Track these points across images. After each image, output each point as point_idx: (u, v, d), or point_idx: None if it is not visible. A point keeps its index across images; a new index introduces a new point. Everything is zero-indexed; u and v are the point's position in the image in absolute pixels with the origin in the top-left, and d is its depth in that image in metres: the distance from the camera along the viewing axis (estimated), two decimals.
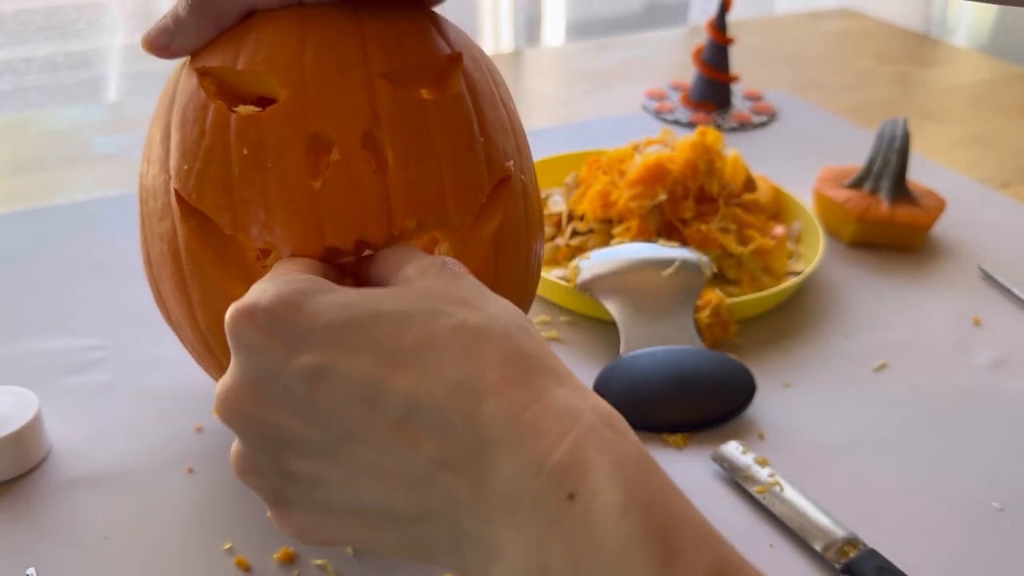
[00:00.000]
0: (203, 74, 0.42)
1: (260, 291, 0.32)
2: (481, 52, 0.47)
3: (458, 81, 0.43)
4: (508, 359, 0.29)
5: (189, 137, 0.41)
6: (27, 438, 0.48)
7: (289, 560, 0.44)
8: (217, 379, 0.47)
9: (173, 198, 0.41)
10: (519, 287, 0.45)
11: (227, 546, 0.45)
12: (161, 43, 0.42)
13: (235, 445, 0.33)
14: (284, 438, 0.31)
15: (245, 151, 0.39)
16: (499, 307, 0.32)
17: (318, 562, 0.44)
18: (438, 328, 0.30)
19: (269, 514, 0.33)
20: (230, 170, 0.40)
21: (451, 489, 0.28)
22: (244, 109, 0.40)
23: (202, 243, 0.41)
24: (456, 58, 0.43)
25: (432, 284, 0.33)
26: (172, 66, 0.45)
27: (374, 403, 0.29)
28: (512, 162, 0.44)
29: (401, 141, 0.40)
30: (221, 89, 0.42)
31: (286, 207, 0.39)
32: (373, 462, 0.30)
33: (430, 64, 0.43)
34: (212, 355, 0.44)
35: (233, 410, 0.31)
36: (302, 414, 0.30)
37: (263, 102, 0.41)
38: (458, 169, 0.41)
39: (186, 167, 0.41)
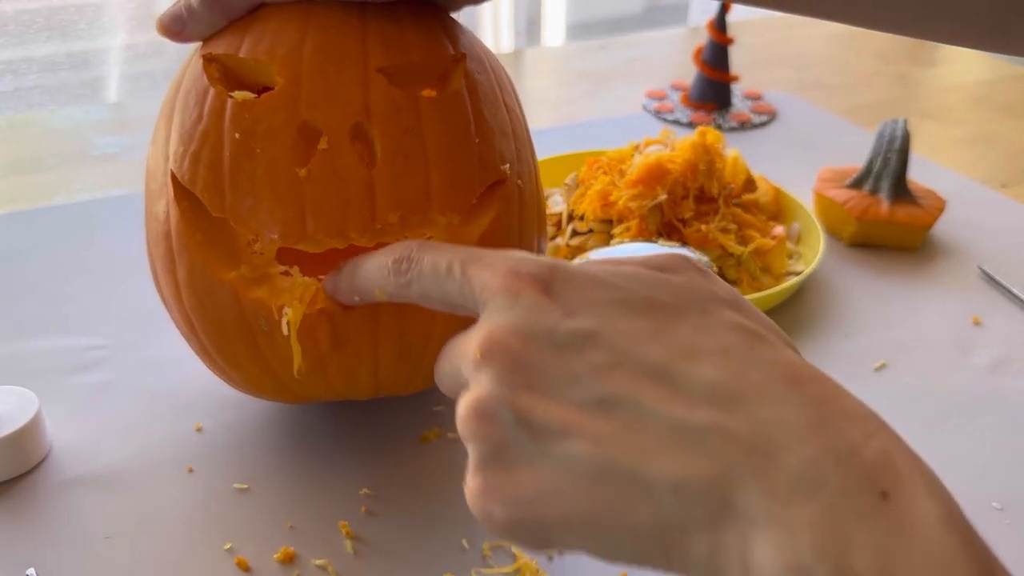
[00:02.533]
0: (209, 60, 0.43)
1: (526, 256, 0.31)
2: (491, 56, 0.47)
3: (458, 81, 0.43)
4: (792, 360, 0.28)
5: (188, 120, 0.42)
6: (27, 438, 0.48)
7: (289, 560, 0.44)
8: (205, 363, 0.47)
9: (168, 179, 0.42)
10: None
11: (227, 546, 0.45)
12: (174, 29, 0.44)
13: (472, 391, 0.30)
14: (542, 383, 0.28)
15: (237, 135, 0.40)
16: (768, 319, 0.32)
17: (318, 562, 0.44)
18: (713, 322, 0.29)
19: (468, 486, 0.30)
20: (222, 154, 0.41)
21: (729, 458, 0.26)
22: (240, 94, 0.41)
23: (191, 224, 0.42)
24: (458, 59, 0.44)
25: (694, 278, 0.32)
26: (173, 67, 0.47)
27: (653, 373, 0.28)
28: (508, 165, 0.44)
29: (390, 136, 0.41)
30: (226, 76, 0.43)
31: (271, 193, 0.40)
32: (636, 419, 0.27)
33: (431, 63, 0.43)
34: (196, 336, 0.45)
35: (497, 346, 0.29)
36: (572, 364, 0.28)
37: (264, 91, 0.41)
38: (447, 168, 0.42)
39: (182, 149, 0.42)
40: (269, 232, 0.40)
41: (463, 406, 0.30)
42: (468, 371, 0.30)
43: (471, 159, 0.42)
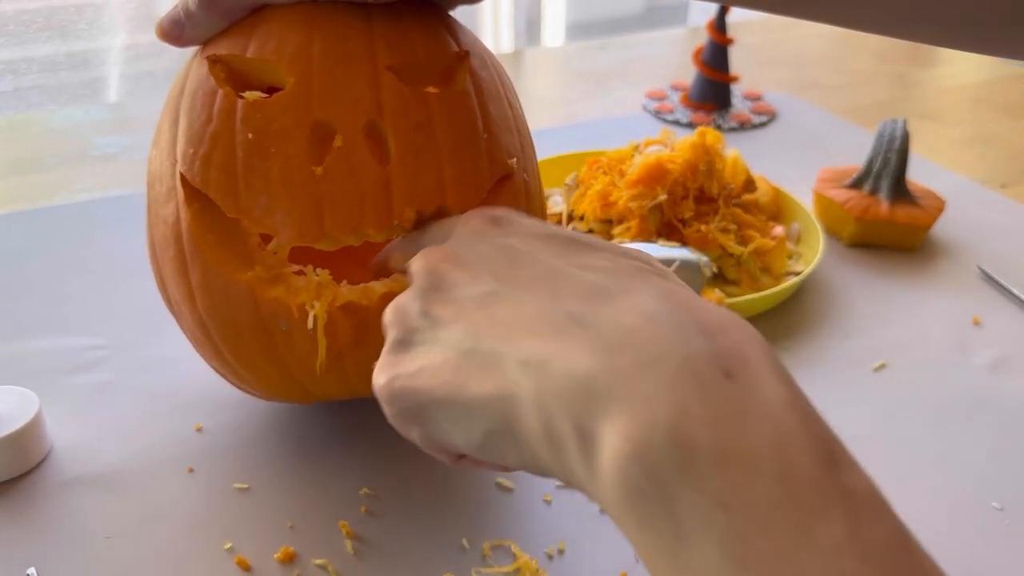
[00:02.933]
0: (214, 61, 0.43)
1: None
2: (490, 54, 0.47)
3: (464, 78, 0.44)
4: (677, 288, 0.30)
5: (197, 122, 0.42)
6: (27, 438, 0.48)
7: (289, 560, 0.44)
8: (215, 369, 0.48)
9: (178, 181, 0.42)
10: None
11: (227, 546, 0.45)
12: (174, 33, 0.44)
13: (399, 296, 0.35)
14: (444, 285, 0.33)
15: (250, 136, 0.40)
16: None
17: (318, 562, 0.44)
18: (625, 263, 0.32)
19: (378, 365, 0.34)
20: (234, 154, 0.41)
21: (580, 339, 0.27)
22: (251, 95, 0.41)
23: (204, 226, 0.42)
24: (463, 56, 0.44)
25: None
26: (174, 67, 0.47)
27: (544, 274, 0.31)
28: (515, 160, 0.44)
29: (403, 132, 0.41)
30: (231, 77, 0.43)
31: (287, 192, 0.40)
32: (512, 310, 0.30)
33: (437, 61, 0.43)
34: (210, 340, 0.45)
35: (427, 263, 0.34)
36: (480, 267, 0.33)
37: (272, 92, 0.42)
38: (459, 163, 0.42)
39: (192, 151, 0.42)
40: (286, 231, 0.40)
41: (390, 303, 0.35)
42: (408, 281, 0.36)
43: (480, 154, 0.43)
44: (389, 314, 0.34)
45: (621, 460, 0.24)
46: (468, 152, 0.42)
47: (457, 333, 0.31)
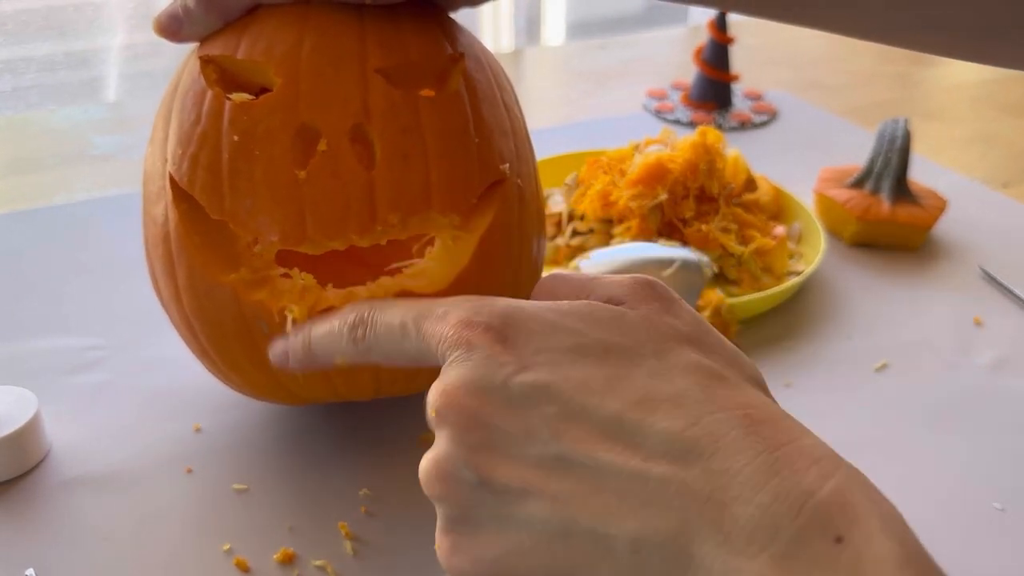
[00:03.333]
0: (206, 61, 0.43)
1: (477, 304, 0.31)
2: (489, 55, 0.47)
3: (457, 81, 0.43)
4: (749, 402, 0.28)
5: (186, 122, 0.42)
6: (27, 438, 0.48)
7: (288, 561, 0.44)
8: (205, 365, 0.47)
9: (167, 181, 0.42)
10: (508, 290, 0.45)
11: (226, 547, 0.44)
12: (171, 29, 0.44)
13: (432, 450, 0.30)
14: (499, 442, 0.29)
15: (236, 138, 0.40)
16: (732, 349, 0.31)
17: (318, 563, 0.44)
18: (669, 366, 0.29)
19: (439, 544, 0.30)
20: (221, 156, 0.40)
21: (687, 511, 0.26)
22: (238, 96, 0.41)
23: (190, 227, 0.41)
24: (457, 58, 0.44)
25: (653, 312, 0.31)
26: (173, 66, 0.46)
27: (608, 427, 0.28)
28: (508, 165, 0.44)
29: (390, 137, 0.40)
30: (223, 77, 0.43)
31: (271, 195, 0.40)
32: (593, 476, 0.27)
33: (429, 63, 0.43)
34: (195, 339, 0.45)
35: (454, 404, 0.29)
36: (527, 420, 0.28)
37: (265, 92, 0.41)
38: (447, 168, 0.41)
39: (180, 151, 0.41)
40: (269, 234, 0.40)
41: (424, 465, 0.30)
42: (431, 425, 0.31)
43: (471, 159, 0.42)
44: (431, 483, 0.30)
45: None
46: (457, 156, 0.42)
47: (538, 510, 0.28)
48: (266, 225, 0.40)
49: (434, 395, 0.30)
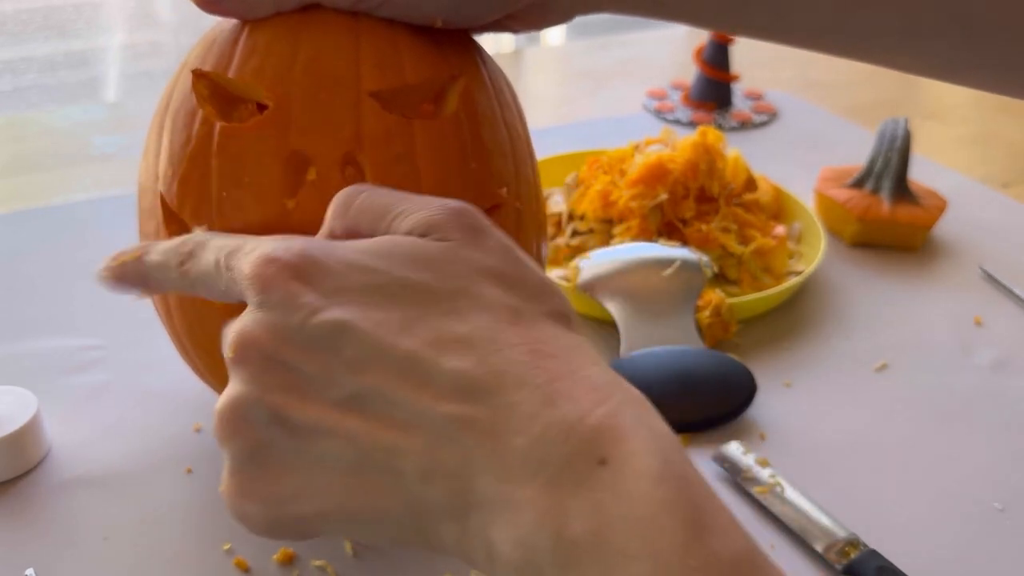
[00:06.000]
0: (198, 76, 0.41)
1: (280, 243, 0.30)
2: (493, 70, 0.45)
3: (454, 103, 0.42)
4: (539, 337, 0.29)
5: (176, 141, 0.41)
6: (26, 438, 0.48)
7: (289, 561, 0.44)
8: (201, 378, 0.47)
9: (158, 200, 0.42)
10: None
11: (227, 546, 0.44)
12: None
13: (226, 392, 0.30)
14: (296, 382, 0.28)
15: (225, 163, 0.39)
16: (538, 281, 0.31)
17: (318, 563, 0.44)
18: (466, 304, 0.29)
19: (224, 487, 0.30)
20: (210, 180, 0.40)
21: (470, 446, 0.27)
22: (223, 124, 0.40)
23: None
24: (455, 78, 0.42)
25: (459, 245, 0.31)
26: (172, 66, 0.46)
27: (403, 366, 0.28)
28: (506, 189, 0.43)
29: (382, 165, 0.39)
30: (215, 92, 0.41)
31: (259, 223, 0.39)
32: (387, 414, 0.28)
33: (425, 84, 0.42)
34: (189, 356, 0.45)
35: (248, 344, 0.29)
36: (325, 361, 0.28)
37: (258, 106, 0.40)
38: (441, 195, 0.40)
39: (170, 172, 0.41)
40: None
41: (218, 407, 0.29)
42: (228, 367, 0.30)
43: (466, 185, 0.41)
44: (221, 423, 0.29)
45: (513, 570, 0.26)
46: (452, 183, 0.41)
47: (333, 447, 0.28)
48: None
49: (231, 336, 0.29)
